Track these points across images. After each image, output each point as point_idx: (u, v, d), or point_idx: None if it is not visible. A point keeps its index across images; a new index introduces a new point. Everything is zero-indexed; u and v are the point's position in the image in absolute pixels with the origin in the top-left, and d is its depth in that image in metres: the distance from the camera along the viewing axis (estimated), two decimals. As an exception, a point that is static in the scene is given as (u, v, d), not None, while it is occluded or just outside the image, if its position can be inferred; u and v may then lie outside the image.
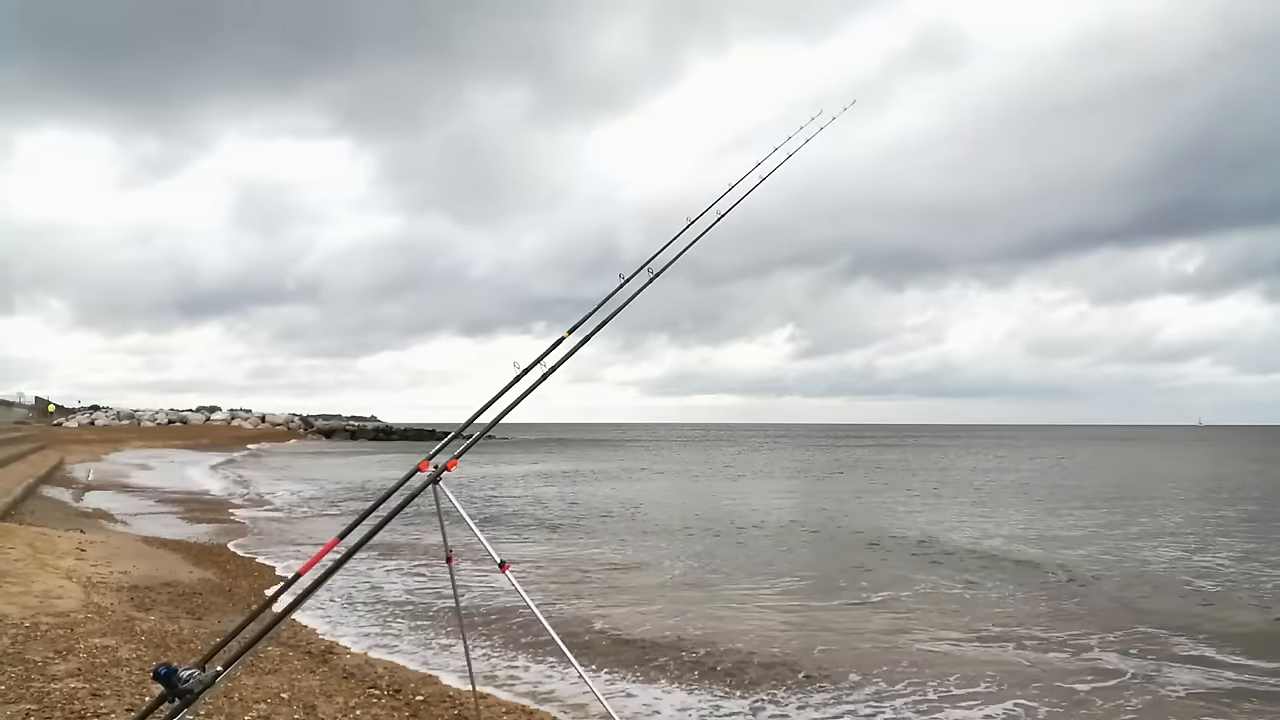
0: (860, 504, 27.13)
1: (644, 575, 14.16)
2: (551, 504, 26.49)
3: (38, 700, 5.48)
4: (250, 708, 5.87)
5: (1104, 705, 7.71)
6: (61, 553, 11.91)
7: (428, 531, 15.45)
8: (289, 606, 3.94)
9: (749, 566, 14.96)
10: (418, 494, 4.41)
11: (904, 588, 12.99)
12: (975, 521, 22.04)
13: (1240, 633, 10.39)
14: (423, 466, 4.58)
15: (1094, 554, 16.46)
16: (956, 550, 16.79)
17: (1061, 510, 24.82)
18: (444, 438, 4.81)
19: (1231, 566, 15.17)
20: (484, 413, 4.83)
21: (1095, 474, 43.48)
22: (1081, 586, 13.35)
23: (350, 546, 4.12)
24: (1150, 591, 13.06)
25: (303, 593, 3.89)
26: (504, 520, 21.92)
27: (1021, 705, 7.64)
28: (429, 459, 4.60)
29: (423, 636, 9.73)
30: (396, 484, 4.56)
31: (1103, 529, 20.39)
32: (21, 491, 20.10)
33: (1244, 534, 19.46)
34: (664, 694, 7.86)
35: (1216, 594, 12.87)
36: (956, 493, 31.31)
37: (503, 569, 4.62)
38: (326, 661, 8.09)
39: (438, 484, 4.52)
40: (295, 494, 29.05)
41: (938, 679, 8.34)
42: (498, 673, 8.28)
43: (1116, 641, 9.89)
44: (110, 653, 6.85)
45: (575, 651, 5.93)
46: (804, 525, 21.24)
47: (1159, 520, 22.12)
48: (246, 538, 17.49)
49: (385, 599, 11.76)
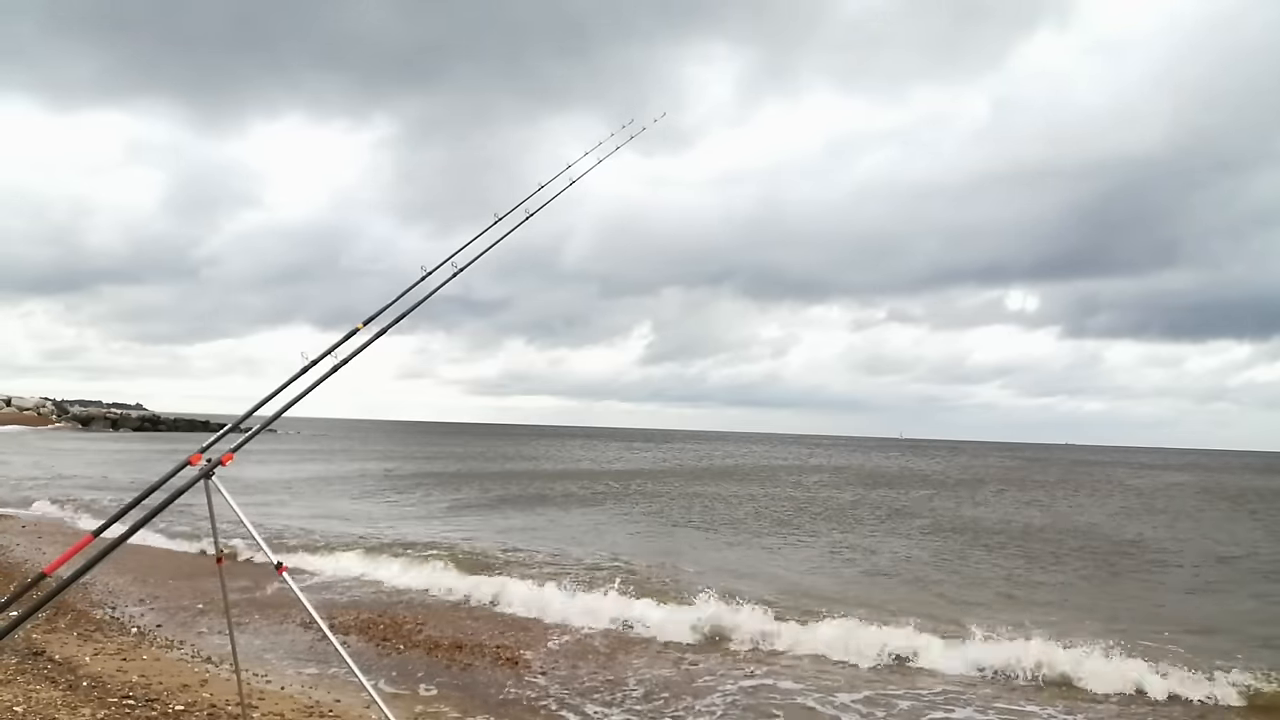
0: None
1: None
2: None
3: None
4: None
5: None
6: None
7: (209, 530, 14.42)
8: (25, 612, 3.55)
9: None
10: (185, 490, 4.10)
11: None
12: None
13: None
14: (194, 460, 4.27)
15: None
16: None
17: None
18: (218, 430, 4.52)
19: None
20: (268, 404, 4.58)
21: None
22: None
23: (104, 547, 3.77)
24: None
25: (43, 598, 3.52)
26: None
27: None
28: (202, 452, 4.30)
29: (191, 644, 9.05)
30: (162, 478, 4.22)
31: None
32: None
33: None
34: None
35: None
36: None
37: (279, 570, 4.39)
38: (73, 670, 7.34)
39: (210, 479, 4.22)
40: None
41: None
42: (270, 679, 7.82)
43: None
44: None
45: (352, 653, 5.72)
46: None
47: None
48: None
49: (152, 601, 10.86)
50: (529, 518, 23.07)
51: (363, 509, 24.23)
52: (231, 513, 4.27)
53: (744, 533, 20.97)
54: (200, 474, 4.22)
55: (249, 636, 9.39)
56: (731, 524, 22.70)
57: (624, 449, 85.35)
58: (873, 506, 29.18)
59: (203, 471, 4.22)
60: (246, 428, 4.53)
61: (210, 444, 4.38)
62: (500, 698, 7.77)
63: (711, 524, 22.68)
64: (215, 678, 7.59)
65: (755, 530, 21.50)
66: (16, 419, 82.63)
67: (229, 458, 4.25)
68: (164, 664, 8.04)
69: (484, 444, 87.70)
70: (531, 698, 7.79)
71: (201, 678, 7.55)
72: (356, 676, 4.40)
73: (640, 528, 21.47)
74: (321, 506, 24.45)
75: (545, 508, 25.88)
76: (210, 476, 4.23)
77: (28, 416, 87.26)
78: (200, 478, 4.21)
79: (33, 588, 3.96)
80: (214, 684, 7.33)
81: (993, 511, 28.60)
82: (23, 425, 76.75)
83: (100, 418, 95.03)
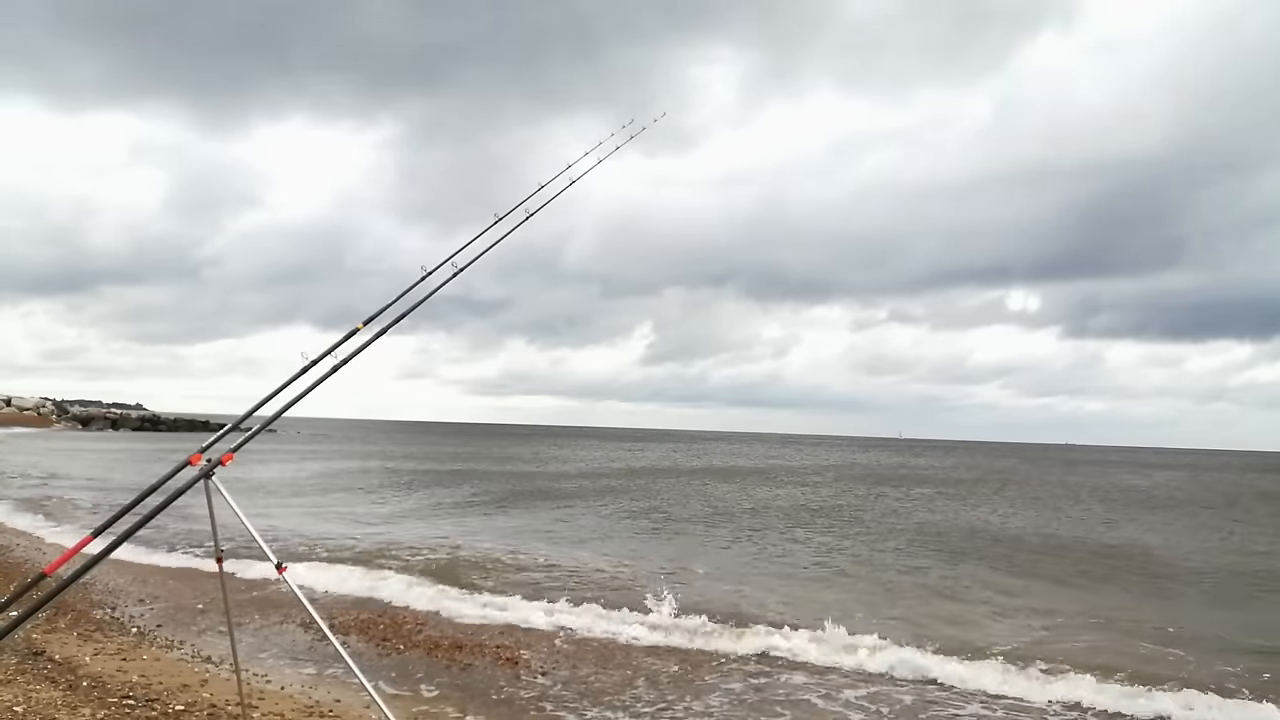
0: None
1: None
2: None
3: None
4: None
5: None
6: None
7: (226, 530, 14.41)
8: (25, 612, 3.55)
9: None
10: (185, 490, 4.09)
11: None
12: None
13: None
14: (194, 460, 4.26)
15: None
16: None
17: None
18: (219, 430, 4.51)
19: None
20: (268, 404, 4.57)
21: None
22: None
23: (103, 547, 3.76)
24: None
25: (43, 598, 3.51)
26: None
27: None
28: (202, 452, 4.29)
29: (191, 644, 9.04)
30: (162, 478, 4.21)
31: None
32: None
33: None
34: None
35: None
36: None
37: (280, 570, 4.38)
38: (73, 670, 7.34)
39: (210, 479, 4.22)
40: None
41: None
42: (270, 679, 7.81)
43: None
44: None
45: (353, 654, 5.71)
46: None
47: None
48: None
49: (152, 601, 10.85)
50: (529, 519, 23.06)
51: (362, 510, 24.22)
52: (231, 513, 4.26)
53: (742, 533, 20.96)
54: (200, 474, 4.21)
55: (249, 636, 9.38)
56: (727, 521, 22.71)
57: (623, 449, 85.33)
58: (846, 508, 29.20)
59: (203, 471, 4.22)
60: (246, 428, 4.52)
61: (210, 444, 4.38)
62: (500, 698, 7.76)
63: (710, 523, 22.66)
64: (215, 678, 7.58)
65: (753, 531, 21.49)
66: (16, 419, 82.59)
67: (229, 458, 4.25)
68: (164, 664, 8.03)
69: (484, 444, 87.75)
70: (532, 698, 7.79)
71: (201, 678, 7.54)
72: (357, 677, 4.39)
73: (640, 529, 21.45)
74: (321, 507, 24.44)
75: (544, 508, 25.88)
76: (210, 476, 4.23)
77: (28, 417, 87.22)
78: (200, 478, 4.20)
79: (33, 588, 3.96)
80: (214, 684, 7.32)
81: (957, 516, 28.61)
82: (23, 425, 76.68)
83: (100, 418, 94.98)
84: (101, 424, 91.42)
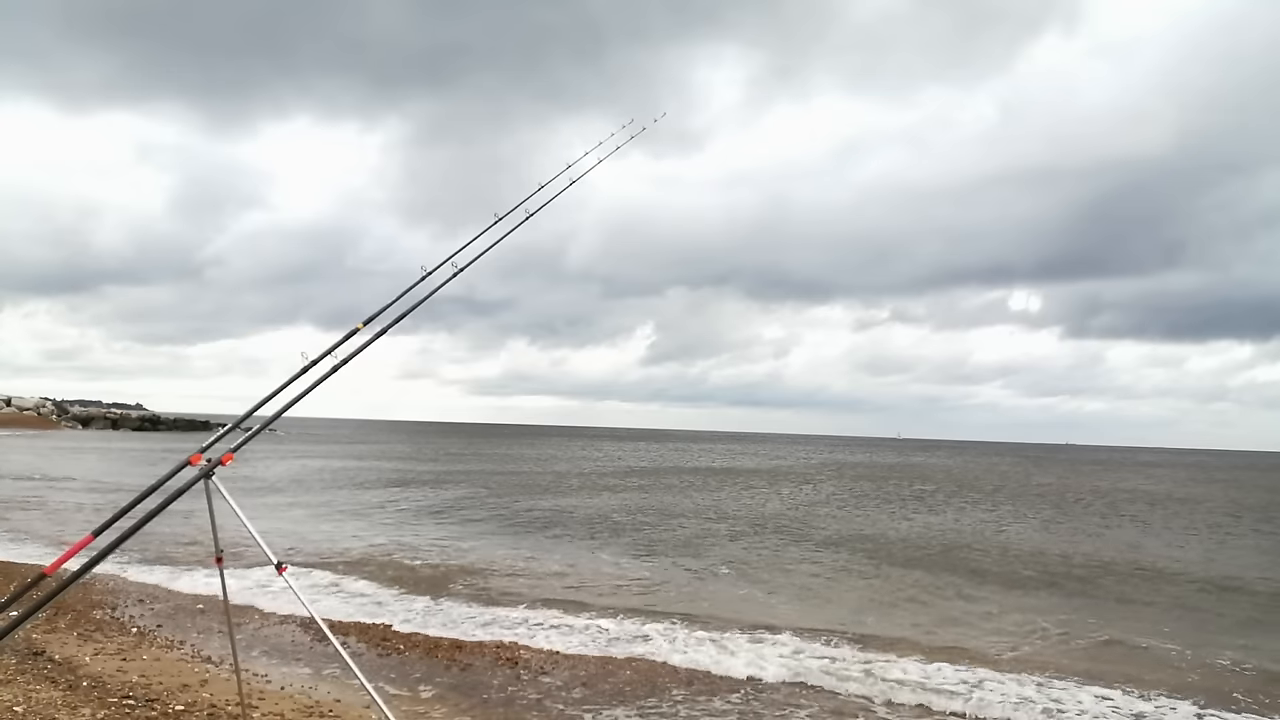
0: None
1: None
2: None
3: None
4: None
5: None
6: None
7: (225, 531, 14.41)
8: (25, 612, 3.54)
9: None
10: (185, 490, 4.08)
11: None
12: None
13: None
14: (194, 460, 4.25)
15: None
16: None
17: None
18: (218, 430, 4.50)
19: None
20: (269, 404, 4.56)
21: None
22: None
23: (103, 548, 3.75)
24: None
25: (43, 598, 3.51)
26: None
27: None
28: (202, 452, 4.28)
29: (191, 644, 9.04)
30: (161, 479, 4.20)
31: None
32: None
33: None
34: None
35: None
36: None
37: (279, 570, 4.37)
38: (73, 670, 7.33)
39: (210, 479, 4.21)
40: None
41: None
42: (270, 679, 7.81)
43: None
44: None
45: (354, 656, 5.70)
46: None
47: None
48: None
49: (152, 601, 10.84)
50: (528, 520, 23.05)
51: (362, 510, 24.22)
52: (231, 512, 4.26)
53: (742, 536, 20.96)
54: (200, 474, 4.20)
55: (249, 636, 9.38)
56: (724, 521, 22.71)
57: (622, 449, 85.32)
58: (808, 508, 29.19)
59: (203, 471, 4.21)
60: (247, 428, 4.51)
61: (210, 444, 4.36)
62: (500, 698, 7.75)
63: (708, 525, 22.67)
64: (215, 678, 7.58)
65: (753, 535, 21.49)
66: (16, 419, 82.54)
67: (229, 458, 4.24)
68: (164, 664, 8.03)
69: (485, 444, 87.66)
70: (532, 698, 7.78)
71: (201, 678, 7.54)
72: (357, 677, 4.39)
73: (640, 530, 21.45)
74: (322, 507, 24.44)
75: (544, 508, 25.88)
76: (210, 476, 4.22)
77: (28, 417, 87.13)
78: (200, 478, 4.20)
79: (33, 588, 3.95)
80: (214, 684, 7.32)
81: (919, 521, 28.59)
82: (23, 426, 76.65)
83: (100, 418, 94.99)
84: (102, 424, 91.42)
